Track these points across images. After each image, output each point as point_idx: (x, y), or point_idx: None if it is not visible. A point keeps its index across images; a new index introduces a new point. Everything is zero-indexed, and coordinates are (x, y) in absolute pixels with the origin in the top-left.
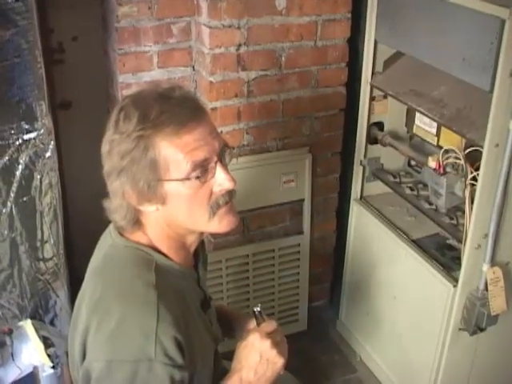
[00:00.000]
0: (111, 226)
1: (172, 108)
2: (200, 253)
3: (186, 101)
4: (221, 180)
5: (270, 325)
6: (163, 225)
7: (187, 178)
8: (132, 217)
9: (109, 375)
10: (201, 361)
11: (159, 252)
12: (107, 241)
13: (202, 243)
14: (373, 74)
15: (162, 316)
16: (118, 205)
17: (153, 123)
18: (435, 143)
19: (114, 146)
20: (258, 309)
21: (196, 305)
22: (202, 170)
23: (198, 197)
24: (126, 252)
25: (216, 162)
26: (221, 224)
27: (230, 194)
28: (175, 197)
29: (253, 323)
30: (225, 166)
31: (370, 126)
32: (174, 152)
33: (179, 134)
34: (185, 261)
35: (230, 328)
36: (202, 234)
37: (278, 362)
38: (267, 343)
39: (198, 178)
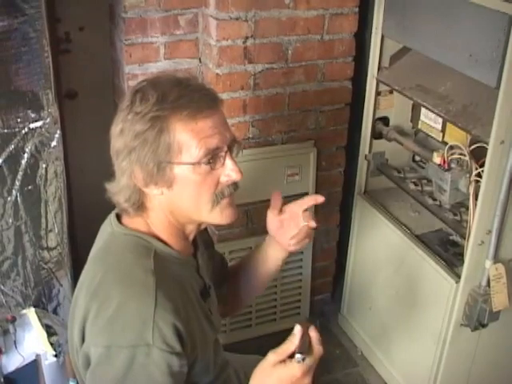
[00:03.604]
0: (112, 215)
1: (191, 93)
2: (199, 241)
3: (203, 89)
4: (229, 170)
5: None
6: (166, 210)
7: (198, 163)
8: (137, 199)
9: (108, 360)
10: (201, 349)
11: (158, 239)
12: (107, 229)
13: (205, 229)
14: (379, 68)
15: (160, 302)
16: (123, 185)
17: (171, 105)
18: (440, 139)
19: (128, 125)
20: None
21: (196, 293)
22: (213, 157)
23: (204, 184)
24: (126, 240)
25: (226, 152)
26: (222, 216)
27: (235, 185)
28: (183, 181)
29: None
30: (233, 158)
31: (376, 120)
32: (189, 136)
33: (196, 119)
34: (184, 249)
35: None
36: (200, 224)
37: None
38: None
39: (208, 163)
